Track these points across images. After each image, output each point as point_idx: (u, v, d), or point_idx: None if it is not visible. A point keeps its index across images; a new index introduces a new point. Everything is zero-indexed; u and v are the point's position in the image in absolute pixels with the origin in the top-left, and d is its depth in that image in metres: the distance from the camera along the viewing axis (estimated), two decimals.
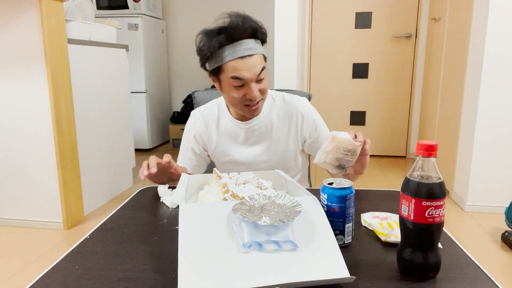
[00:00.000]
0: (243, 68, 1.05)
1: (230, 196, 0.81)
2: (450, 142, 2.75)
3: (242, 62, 1.05)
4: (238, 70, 1.05)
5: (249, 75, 1.05)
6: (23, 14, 2.01)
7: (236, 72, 1.05)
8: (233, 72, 1.06)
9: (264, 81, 1.10)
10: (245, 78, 1.05)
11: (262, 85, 1.09)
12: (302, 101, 1.25)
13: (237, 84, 1.07)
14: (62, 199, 2.16)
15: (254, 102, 1.10)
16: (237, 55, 1.05)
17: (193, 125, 1.28)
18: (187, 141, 1.28)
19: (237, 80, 1.06)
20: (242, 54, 1.05)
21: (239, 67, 1.05)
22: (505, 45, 2.23)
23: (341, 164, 0.90)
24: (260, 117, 1.21)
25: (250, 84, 1.07)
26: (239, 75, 1.05)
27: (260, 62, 1.08)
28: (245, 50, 1.05)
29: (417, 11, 3.51)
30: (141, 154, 3.88)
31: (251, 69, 1.05)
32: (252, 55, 1.06)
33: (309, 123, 1.22)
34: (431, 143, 0.58)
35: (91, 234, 0.78)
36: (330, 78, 3.76)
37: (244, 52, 1.05)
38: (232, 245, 0.60)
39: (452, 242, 0.74)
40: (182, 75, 4.49)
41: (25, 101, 2.09)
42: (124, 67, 2.82)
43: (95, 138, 2.47)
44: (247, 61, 1.05)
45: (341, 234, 0.71)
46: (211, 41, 1.05)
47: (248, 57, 1.05)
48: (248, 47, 1.06)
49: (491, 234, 2.10)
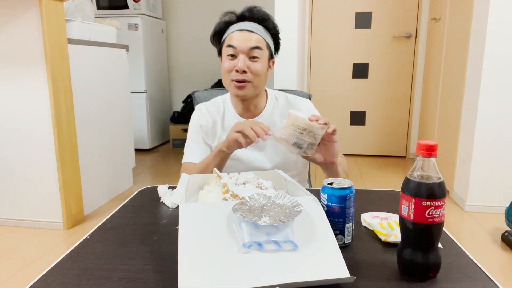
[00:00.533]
0: (237, 38, 1.13)
1: (230, 196, 0.81)
2: (450, 142, 2.75)
3: (240, 34, 1.13)
4: (233, 39, 1.13)
5: (240, 44, 1.12)
6: (23, 14, 2.01)
7: (231, 40, 1.13)
8: (229, 41, 1.14)
9: (258, 62, 1.13)
10: (236, 46, 1.12)
11: (254, 65, 1.13)
12: (304, 102, 1.26)
13: (230, 52, 1.13)
14: (62, 199, 2.16)
15: (240, 78, 1.13)
16: (238, 28, 1.14)
17: (199, 116, 1.27)
18: (196, 133, 1.26)
19: (230, 48, 1.13)
20: (242, 28, 1.14)
21: (234, 37, 1.13)
22: (505, 45, 2.23)
23: (297, 143, 0.92)
24: (262, 116, 1.22)
25: (240, 54, 1.12)
26: (232, 42, 1.13)
27: (259, 41, 1.13)
28: (247, 26, 1.14)
29: (417, 11, 3.51)
30: (141, 154, 3.88)
31: (244, 40, 1.12)
32: (252, 32, 1.13)
33: None
34: (431, 143, 0.58)
35: (91, 234, 0.78)
36: (330, 78, 3.76)
37: (246, 27, 1.14)
38: (232, 245, 0.60)
39: (452, 242, 0.74)
40: (182, 75, 4.49)
41: (25, 101, 2.09)
42: (124, 67, 2.82)
43: (95, 138, 2.47)
44: (244, 33, 1.13)
45: (341, 234, 0.71)
46: (222, 19, 1.18)
47: (247, 32, 1.13)
48: (251, 26, 1.14)
49: (491, 234, 2.10)
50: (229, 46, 1.13)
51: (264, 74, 1.16)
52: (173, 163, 3.63)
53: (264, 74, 1.16)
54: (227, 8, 1.20)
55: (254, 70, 1.13)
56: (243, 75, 1.12)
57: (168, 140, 4.43)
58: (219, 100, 1.29)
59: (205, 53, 4.32)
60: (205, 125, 1.25)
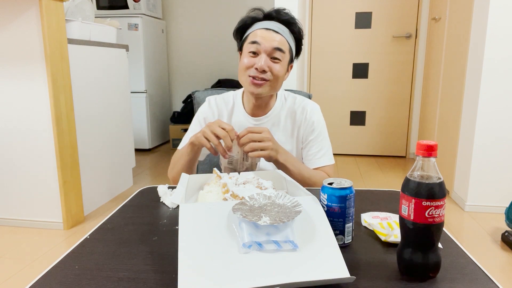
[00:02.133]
0: (262, 36, 1.11)
1: (230, 196, 0.81)
2: (450, 142, 2.75)
3: (265, 32, 1.12)
4: (257, 36, 1.12)
5: (265, 42, 1.10)
6: (23, 14, 2.01)
7: (255, 37, 1.12)
8: (252, 37, 1.13)
9: (279, 64, 1.12)
10: (260, 43, 1.10)
11: (275, 66, 1.12)
12: (311, 104, 1.25)
13: (252, 49, 1.12)
14: (62, 199, 2.16)
15: (258, 76, 1.11)
16: (263, 26, 1.13)
17: (206, 109, 1.27)
18: (197, 124, 1.27)
19: (253, 44, 1.11)
20: (268, 27, 1.12)
21: (259, 34, 1.12)
22: (505, 45, 2.23)
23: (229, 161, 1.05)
24: (270, 115, 1.23)
25: (262, 53, 1.11)
26: (256, 39, 1.11)
27: (283, 43, 1.12)
28: (273, 26, 1.13)
29: (417, 11, 3.51)
30: (141, 154, 3.88)
31: (268, 39, 1.11)
32: (277, 32, 1.12)
33: (308, 124, 1.22)
34: (431, 143, 0.58)
35: (91, 234, 0.78)
36: (330, 78, 3.76)
37: (272, 26, 1.13)
38: (232, 245, 0.60)
39: (452, 242, 0.74)
40: (182, 75, 4.49)
41: (25, 101, 2.09)
42: (124, 67, 2.82)
43: (95, 138, 2.47)
44: (270, 33, 1.12)
45: (341, 234, 0.71)
46: (250, 14, 1.17)
47: (273, 32, 1.12)
48: (277, 26, 1.13)
49: (491, 234, 2.10)
50: (253, 43, 1.11)
51: (282, 77, 1.15)
52: None
53: (282, 77, 1.16)
54: (227, 8, 1.20)
55: (275, 71, 1.12)
56: (262, 74, 1.11)
57: (168, 140, 4.43)
58: (230, 95, 1.29)
59: (205, 53, 4.32)
60: (209, 119, 1.25)
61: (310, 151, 1.22)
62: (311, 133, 1.22)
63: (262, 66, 1.09)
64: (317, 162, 1.20)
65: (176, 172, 1.16)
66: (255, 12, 1.16)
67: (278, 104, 1.24)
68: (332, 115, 3.80)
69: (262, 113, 1.23)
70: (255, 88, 1.13)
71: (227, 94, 1.30)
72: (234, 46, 1.25)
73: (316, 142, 1.22)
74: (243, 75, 1.15)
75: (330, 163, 1.22)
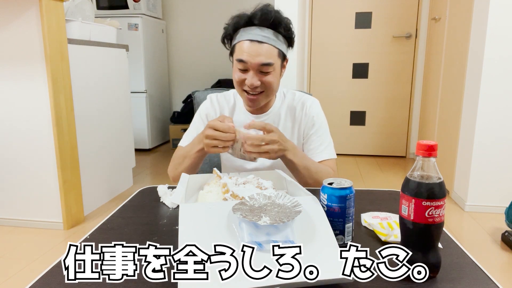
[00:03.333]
0: (247, 52, 1.05)
1: (230, 196, 0.81)
2: (450, 142, 2.75)
3: (250, 46, 1.05)
4: (243, 53, 1.06)
5: (251, 60, 1.05)
6: (23, 14, 2.01)
7: (241, 54, 1.07)
8: (239, 54, 1.07)
9: (270, 75, 1.09)
10: (246, 61, 1.06)
11: (265, 78, 1.09)
12: (310, 99, 1.24)
13: (240, 67, 1.08)
14: (62, 199, 2.16)
15: (251, 92, 1.10)
16: (247, 37, 1.06)
17: (208, 106, 1.27)
18: (199, 121, 1.26)
19: (241, 63, 1.07)
20: (252, 38, 1.05)
21: (245, 50, 1.06)
22: (505, 45, 2.23)
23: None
24: (270, 113, 1.23)
25: (250, 71, 1.07)
26: (242, 57, 1.06)
27: (270, 54, 1.07)
28: (256, 35, 1.06)
29: (417, 11, 3.51)
30: (141, 154, 3.88)
31: (254, 55, 1.05)
32: (262, 43, 1.06)
33: (308, 119, 1.22)
34: (431, 143, 0.58)
35: (91, 234, 0.78)
36: (330, 78, 3.76)
37: (255, 36, 1.05)
38: (232, 245, 0.60)
39: (452, 242, 0.74)
40: (182, 75, 4.49)
41: (25, 101, 2.09)
42: (124, 67, 2.82)
43: (95, 138, 2.47)
44: (255, 46, 1.05)
45: (341, 234, 0.71)
46: (231, 21, 1.10)
47: (257, 43, 1.05)
48: (262, 33, 1.06)
49: (491, 234, 2.10)
50: (239, 61, 1.08)
51: (276, 82, 1.13)
52: None
53: (277, 82, 1.14)
54: (227, 8, 1.18)
55: (267, 84, 1.10)
56: (255, 90, 1.10)
57: (168, 140, 4.43)
58: (231, 93, 1.29)
59: (205, 53, 4.32)
60: (211, 116, 1.25)
61: (311, 146, 1.21)
62: (311, 127, 1.21)
63: (252, 84, 1.08)
64: (319, 156, 1.19)
65: (179, 172, 1.15)
66: (236, 20, 1.10)
67: (277, 101, 1.24)
68: (332, 115, 3.80)
69: (262, 111, 1.23)
70: (252, 103, 1.14)
71: (228, 92, 1.30)
72: None
73: (316, 136, 1.21)
74: (237, 88, 1.15)
75: (332, 157, 1.20)
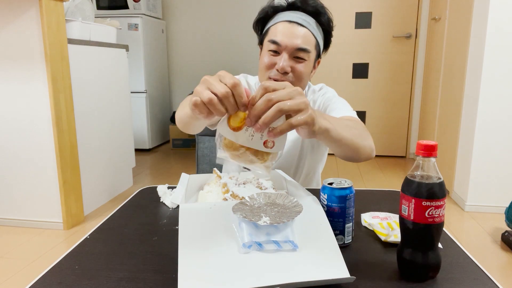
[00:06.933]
0: (283, 32, 0.97)
1: (230, 196, 0.81)
2: (450, 142, 2.75)
3: (288, 26, 0.97)
4: (277, 34, 0.98)
5: (286, 41, 0.96)
6: (23, 14, 2.01)
7: (276, 35, 0.98)
8: (273, 35, 0.99)
9: (303, 64, 0.99)
10: (281, 43, 0.97)
11: (298, 67, 0.99)
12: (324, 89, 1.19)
13: (273, 48, 0.99)
14: (62, 199, 2.16)
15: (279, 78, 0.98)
16: (286, 18, 0.98)
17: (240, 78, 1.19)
18: None
19: (274, 44, 0.98)
20: (291, 19, 0.98)
21: (281, 30, 0.98)
22: (505, 45, 2.23)
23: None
24: None
25: (283, 52, 0.97)
26: (276, 38, 0.97)
27: (308, 40, 0.98)
28: (297, 18, 0.98)
29: (417, 11, 3.51)
30: (141, 154, 3.88)
31: (291, 36, 0.96)
32: (302, 26, 0.97)
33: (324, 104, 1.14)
34: (431, 143, 0.58)
35: (91, 234, 0.78)
36: (330, 78, 3.77)
37: (296, 18, 0.98)
38: (232, 245, 0.60)
39: (452, 242, 0.73)
40: (182, 75, 4.49)
41: (25, 101, 2.09)
42: (124, 67, 2.82)
43: (95, 138, 2.47)
44: (293, 27, 0.97)
45: (341, 234, 0.71)
46: (271, 3, 1.02)
47: (297, 25, 0.97)
48: (302, 18, 0.98)
49: (491, 234, 2.10)
50: (273, 42, 0.98)
51: (307, 77, 1.03)
52: (173, 163, 3.63)
53: (307, 77, 1.03)
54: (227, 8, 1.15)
55: (298, 73, 0.99)
56: (284, 76, 0.98)
57: (168, 140, 4.43)
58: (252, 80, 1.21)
59: (205, 53, 4.32)
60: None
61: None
62: (327, 107, 1.13)
63: (283, 67, 0.97)
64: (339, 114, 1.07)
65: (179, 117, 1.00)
66: (278, 1, 1.01)
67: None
68: None
69: None
70: None
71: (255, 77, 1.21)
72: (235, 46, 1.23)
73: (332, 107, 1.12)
74: (263, 75, 1.03)
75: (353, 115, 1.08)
